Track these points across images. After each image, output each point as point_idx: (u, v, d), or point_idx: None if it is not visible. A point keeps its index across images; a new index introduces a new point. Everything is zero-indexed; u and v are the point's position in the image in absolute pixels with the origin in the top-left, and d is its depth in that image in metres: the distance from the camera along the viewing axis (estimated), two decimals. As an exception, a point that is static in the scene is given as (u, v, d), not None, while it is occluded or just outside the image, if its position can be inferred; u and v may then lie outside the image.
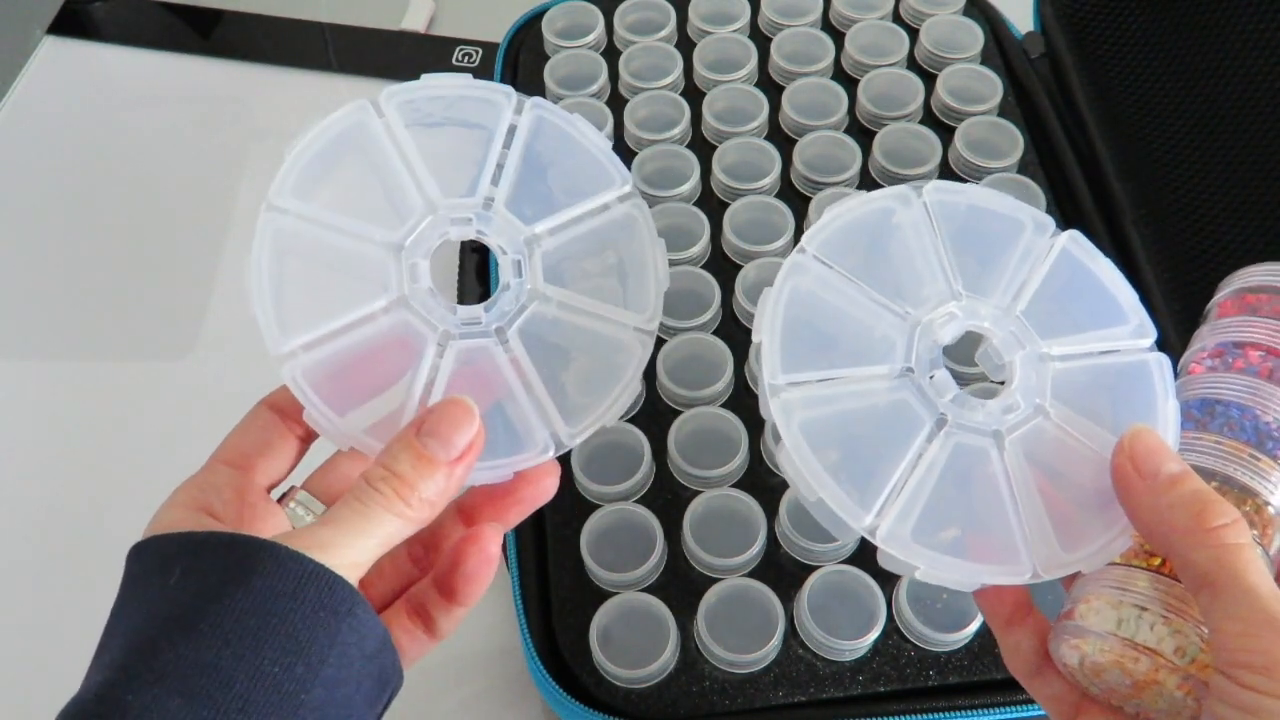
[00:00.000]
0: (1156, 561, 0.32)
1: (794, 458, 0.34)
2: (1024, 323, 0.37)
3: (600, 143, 0.40)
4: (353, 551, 0.31)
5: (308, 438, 0.38)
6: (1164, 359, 0.36)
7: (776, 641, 0.47)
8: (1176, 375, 0.37)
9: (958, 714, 0.46)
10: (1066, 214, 0.61)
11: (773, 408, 0.35)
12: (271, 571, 0.29)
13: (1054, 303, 0.38)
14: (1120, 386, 0.36)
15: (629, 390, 0.38)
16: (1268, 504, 0.33)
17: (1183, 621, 0.31)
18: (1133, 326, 0.37)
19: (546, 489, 0.38)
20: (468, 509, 0.39)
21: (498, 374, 0.37)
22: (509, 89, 0.41)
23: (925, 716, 0.46)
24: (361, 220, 0.38)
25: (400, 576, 0.39)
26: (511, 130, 0.40)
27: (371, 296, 0.37)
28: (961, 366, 0.51)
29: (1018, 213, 0.39)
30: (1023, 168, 0.62)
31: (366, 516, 0.32)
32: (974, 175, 0.61)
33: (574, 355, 0.38)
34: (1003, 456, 0.35)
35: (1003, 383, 0.37)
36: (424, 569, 0.39)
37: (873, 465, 0.34)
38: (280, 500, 0.38)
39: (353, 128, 0.39)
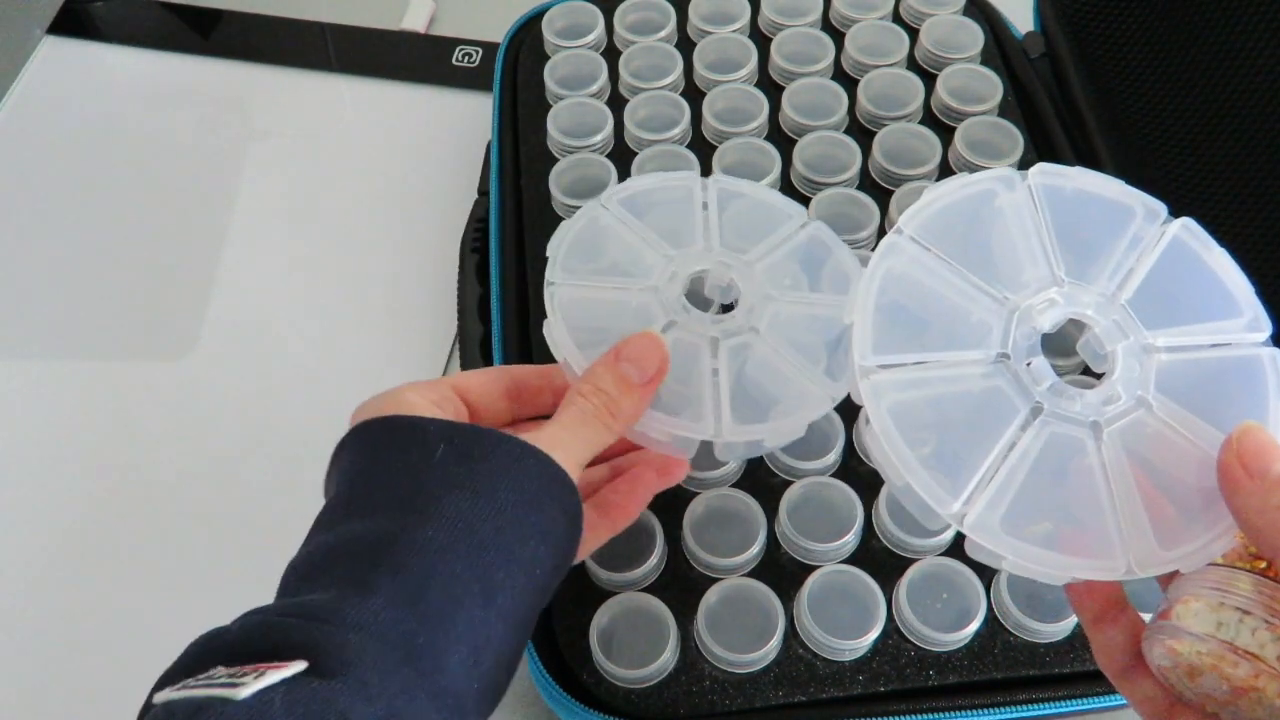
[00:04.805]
0: (1262, 564, 0.31)
1: (882, 442, 0.33)
2: (1128, 312, 0.36)
3: (1238, 277, 0.38)
4: (575, 450, 0.38)
5: (519, 414, 0.43)
6: (1278, 354, 0.35)
7: (776, 641, 0.47)
8: None
9: (958, 714, 0.46)
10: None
11: (862, 390, 0.34)
12: (532, 469, 0.36)
13: (1163, 292, 0.36)
14: (1230, 381, 0.35)
15: (1226, 537, 0.33)
16: None
17: None
18: (1247, 320, 0.36)
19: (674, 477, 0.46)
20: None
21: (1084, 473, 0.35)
22: (1155, 205, 0.39)
23: (925, 716, 0.46)
24: (980, 277, 0.37)
25: None
26: (1139, 240, 0.38)
27: (971, 346, 0.36)
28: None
29: (1127, 198, 0.38)
30: (1023, 168, 0.62)
31: (585, 423, 0.38)
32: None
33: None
34: (1100, 449, 0.34)
35: (1103, 374, 0.36)
36: None
37: (963, 452, 0.33)
38: None
39: (983, 195, 0.39)
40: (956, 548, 0.50)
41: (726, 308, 0.47)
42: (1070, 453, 0.34)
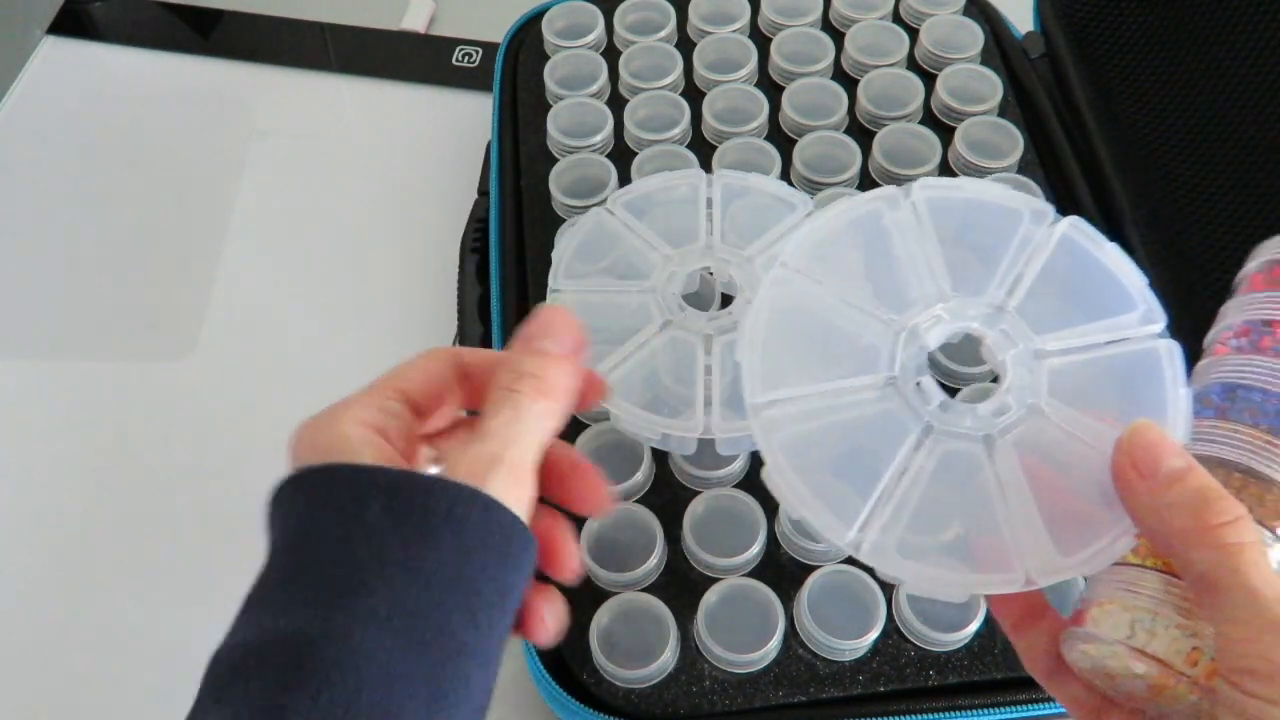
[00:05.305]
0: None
1: (774, 476, 0.33)
2: (1017, 319, 0.36)
3: (1131, 271, 0.37)
4: (526, 454, 0.32)
5: (469, 405, 0.37)
6: (1174, 345, 0.35)
7: (776, 641, 0.47)
8: (1201, 354, 0.35)
9: (958, 714, 0.46)
10: (1066, 214, 0.61)
11: (754, 427, 0.34)
12: (486, 526, 0.30)
13: (1055, 293, 0.36)
14: (1128, 377, 0.35)
15: (1125, 538, 0.32)
16: None
17: (1198, 624, 0.29)
18: (1140, 313, 0.35)
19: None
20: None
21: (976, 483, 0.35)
22: (1041, 206, 0.38)
23: (925, 716, 0.46)
24: (869, 300, 0.37)
25: None
26: (1027, 242, 0.38)
27: (861, 372, 0.35)
28: (969, 368, 0.51)
29: (1014, 202, 0.37)
30: (1022, 168, 0.62)
31: (521, 419, 0.32)
32: (974, 175, 0.61)
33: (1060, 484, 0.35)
34: (994, 461, 0.34)
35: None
36: None
37: (858, 478, 0.33)
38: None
39: (868, 216, 0.38)
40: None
41: (727, 304, 0.47)
42: (964, 469, 0.34)
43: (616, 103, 0.66)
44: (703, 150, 0.63)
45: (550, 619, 0.34)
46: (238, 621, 0.30)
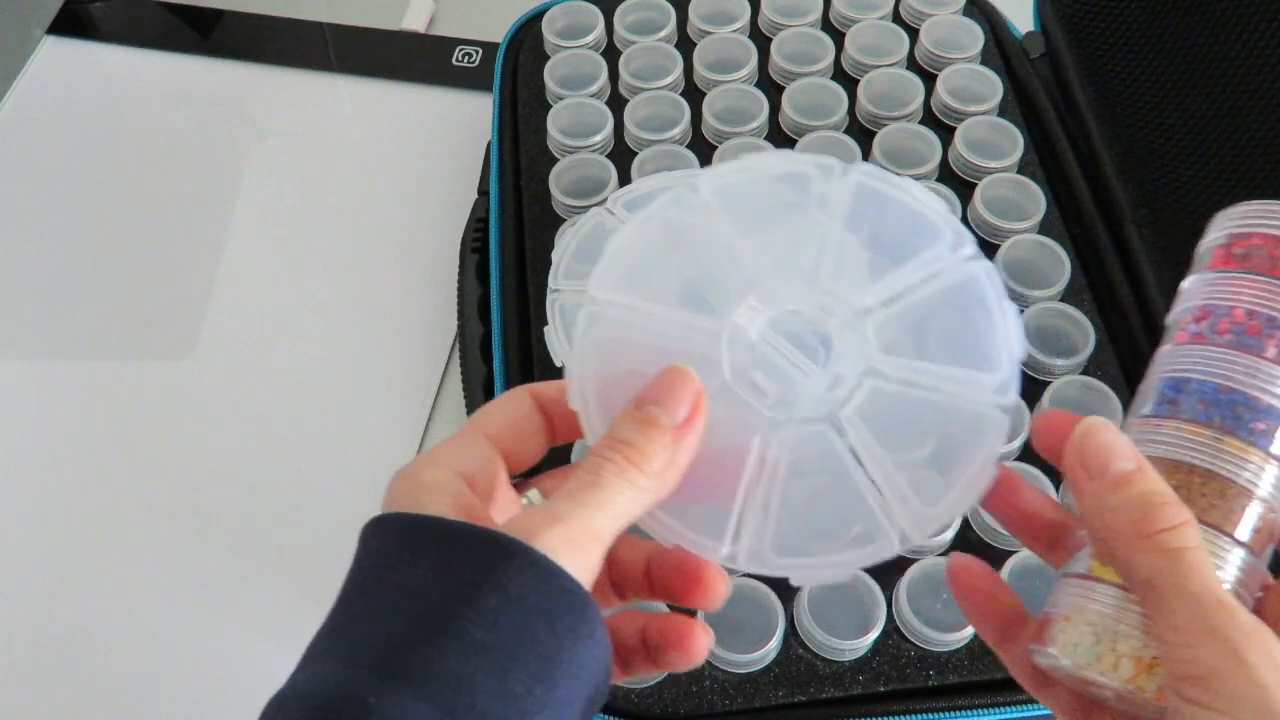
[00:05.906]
0: None
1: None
2: (831, 284, 0.34)
3: (929, 199, 0.36)
4: (595, 521, 0.30)
5: (554, 440, 0.36)
6: (989, 265, 0.34)
7: (776, 641, 0.47)
8: (1164, 339, 0.34)
9: (958, 714, 0.46)
10: (1066, 214, 0.61)
11: None
12: (529, 583, 0.28)
13: (864, 245, 0.35)
14: (954, 308, 0.34)
15: (987, 469, 0.33)
16: (1251, 491, 0.30)
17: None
18: (949, 240, 0.34)
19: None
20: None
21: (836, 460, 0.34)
22: (826, 161, 0.36)
23: (925, 716, 0.46)
24: (689, 310, 0.35)
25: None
26: (825, 201, 0.36)
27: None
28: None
29: (799, 165, 0.36)
30: (1022, 168, 0.62)
31: (600, 486, 0.30)
32: (974, 175, 0.61)
33: (921, 437, 0.35)
34: (844, 435, 0.33)
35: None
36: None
37: (719, 490, 0.33)
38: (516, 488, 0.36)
39: (674, 220, 0.37)
40: (956, 548, 0.50)
41: None
42: (819, 450, 0.33)
43: (616, 103, 0.66)
44: (703, 150, 0.63)
45: (702, 639, 0.33)
46: (296, 668, 0.30)
